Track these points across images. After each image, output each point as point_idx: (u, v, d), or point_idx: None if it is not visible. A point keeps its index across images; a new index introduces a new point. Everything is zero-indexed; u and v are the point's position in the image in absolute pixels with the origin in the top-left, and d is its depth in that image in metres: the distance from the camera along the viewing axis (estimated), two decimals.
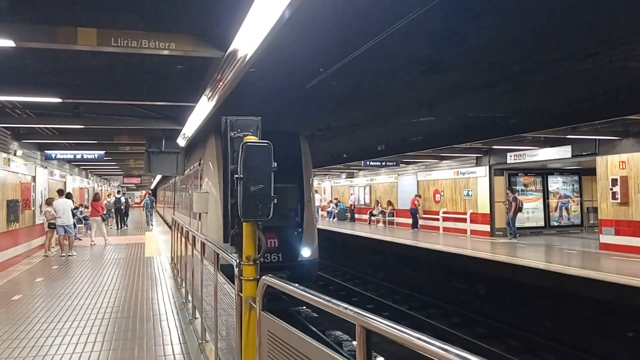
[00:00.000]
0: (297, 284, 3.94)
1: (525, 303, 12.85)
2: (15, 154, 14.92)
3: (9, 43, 5.65)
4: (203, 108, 8.90)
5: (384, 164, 24.75)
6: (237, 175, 3.93)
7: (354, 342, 5.48)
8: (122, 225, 29.85)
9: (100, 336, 7.20)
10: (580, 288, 10.94)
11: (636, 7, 5.80)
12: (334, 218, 32.99)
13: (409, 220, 24.75)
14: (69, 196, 17.87)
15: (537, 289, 12.24)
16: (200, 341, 6.80)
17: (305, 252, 11.79)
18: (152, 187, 53.51)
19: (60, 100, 9.14)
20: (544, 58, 7.72)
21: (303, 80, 8.87)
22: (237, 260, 4.23)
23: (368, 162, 23.55)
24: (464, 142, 16.24)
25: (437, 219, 22.84)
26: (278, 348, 3.17)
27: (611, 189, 14.81)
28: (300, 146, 12.60)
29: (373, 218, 28.60)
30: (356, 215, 31.47)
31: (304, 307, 12.24)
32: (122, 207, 30.44)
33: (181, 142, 13.81)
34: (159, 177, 37.09)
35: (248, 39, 5.06)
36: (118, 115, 12.10)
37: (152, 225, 30.80)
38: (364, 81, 9.46)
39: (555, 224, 21.56)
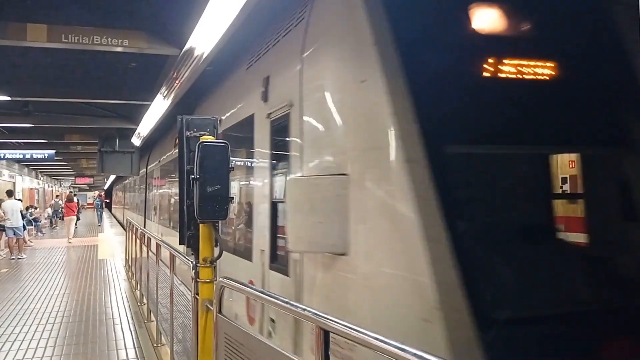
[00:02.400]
0: (254, 286, 3.90)
1: None
2: None
3: None
4: (159, 106, 8.76)
5: None
6: (193, 176, 3.86)
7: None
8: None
9: (51, 341, 6.99)
10: None
11: None
12: None
13: None
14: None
15: None
16: (155, 345, 6.68)
17: None
18: (106, 187, 51.82)
19: (8, 98, 8.85)
20: None
21: None
22: (194, 262, 4.17)
23: None
24: None
25: None
26: (235, 351, 3.13)
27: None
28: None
29: None
30: None
31: None
32: None
33: (136, 141, 13.56)
34: (113, 176, 36.37)
35: (205, 37, 5.00)
36: (69, 114, 11.78)
37: (101, 223, 32.08)
38: None
39: None
